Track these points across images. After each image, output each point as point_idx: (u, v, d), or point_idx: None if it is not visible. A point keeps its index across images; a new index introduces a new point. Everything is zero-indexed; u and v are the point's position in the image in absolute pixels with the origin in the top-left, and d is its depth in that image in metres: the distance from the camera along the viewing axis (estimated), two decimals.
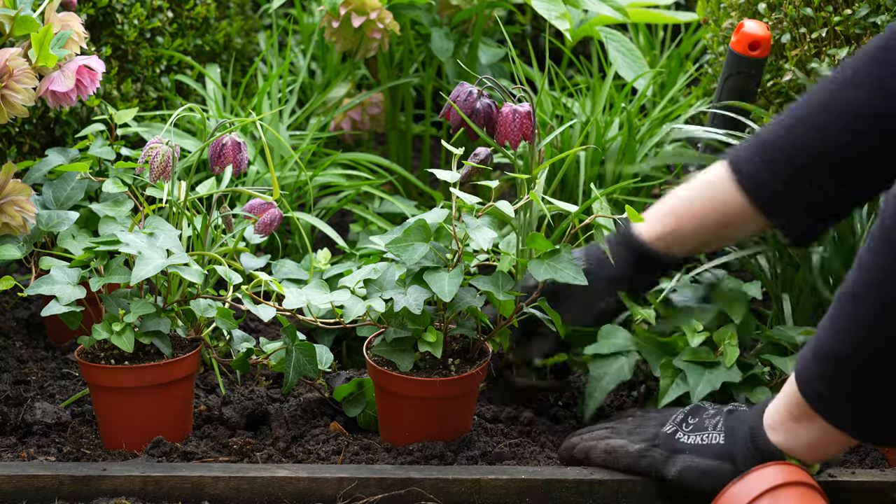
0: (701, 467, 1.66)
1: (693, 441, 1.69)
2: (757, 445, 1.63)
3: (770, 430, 1.62)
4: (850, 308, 1.49)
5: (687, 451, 1.69)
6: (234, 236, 1.97)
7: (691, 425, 1.71)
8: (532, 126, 1.93)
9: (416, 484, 1.72)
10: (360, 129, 2.87)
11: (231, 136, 1.91)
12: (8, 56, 1.85)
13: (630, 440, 1.74)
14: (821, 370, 1.53)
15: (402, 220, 2.52)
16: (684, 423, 1.72)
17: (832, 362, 1.52)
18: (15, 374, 2.06)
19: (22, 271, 2.34)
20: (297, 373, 1.88)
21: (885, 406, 1.51)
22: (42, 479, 1.71)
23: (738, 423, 1.67)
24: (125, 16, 2.46)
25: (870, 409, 1.52)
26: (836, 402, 1.54)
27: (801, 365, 1.57)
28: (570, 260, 1.79)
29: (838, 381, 1.52)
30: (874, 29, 2.10)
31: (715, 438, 1.68)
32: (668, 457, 1.70)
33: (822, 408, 1.55)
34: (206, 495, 1.72)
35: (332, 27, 2.63)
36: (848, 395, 1.52)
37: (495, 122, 1.95)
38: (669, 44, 2.95)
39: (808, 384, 1.55)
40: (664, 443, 1.71)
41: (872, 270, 1.46)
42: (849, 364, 1.50)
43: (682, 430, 1.71)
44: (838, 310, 1.51)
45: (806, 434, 1.59)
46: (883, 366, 1.47)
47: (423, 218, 1.83)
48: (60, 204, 2.06)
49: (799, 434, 1.60)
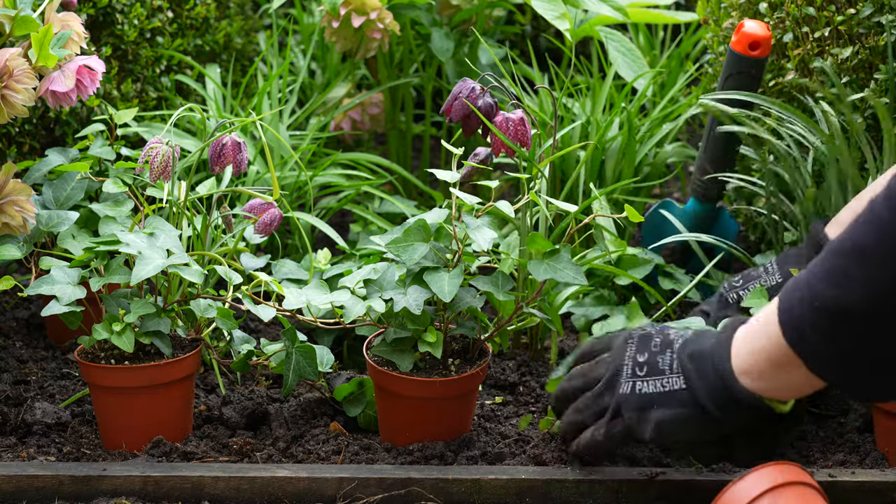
0: (671, 418, 1.62)
1: (654, 389, 1.64)
2: (733, 395, 1.58)
3: (745, 376, 1.57)
4: (859, 263, 1.44)
5: (654, 404, 1.64)
6: (234, 236, 1.97)
7: (644, 367, 1.66)
8: (528, 131, 1.93)
9: (416, 484, 1.72)
10: (360, 129, 2.87)
11: (231, 136, 1.91)
12: (8, 56, 1.85)
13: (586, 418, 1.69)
14: (816, 321, 1.48)
15: (402, 220, 2.52)
16: (638, 369, 1.66)
17: (832, 315, 1.46)
18: (15, 374, 2.06)
19: (22, 271, 2.34)
20: (297, 375, 1.88)
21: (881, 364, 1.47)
22: (42, 479, 1.72)
23: (700, 364, 1.62)
24: (125, 16, 2.46)
25: (864, 366, 1.48)
26: (829, 354, 1.49)
27: (789, 313, 1.51)
28: (570, 260, 1.79)
29: (836, 335, 1.47)
30: (878, 28, 2.10)
31: (676, 383, 1.62)
32: (639, 418, 1.64)
33: (814, 360, 1.50)
34: (206, 495, 1.72)
35: (332, 27, 2.63)
36: (844, 350, 1.47)
37: (493, 123, 1.95)
38: (669, 44, 2.95)
39: (800, 333, 1.50)
40: (625, 404, 1.66)
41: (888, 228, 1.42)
42: (853, 319, 1.45)
43: (638, 378, 1.66)
44: (842, 261, 1.46)
45: (787, 378, 1.54)
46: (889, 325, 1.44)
47: (423, 218, 1.83)
48: (60, 204, 2.06)
49: (780, 378, 1.55)
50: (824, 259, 1.48)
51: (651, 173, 2.50)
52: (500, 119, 1.92)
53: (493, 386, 2.09)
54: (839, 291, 1.45)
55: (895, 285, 1.42)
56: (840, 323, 1.46)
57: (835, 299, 1.45)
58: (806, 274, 1.50)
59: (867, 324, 1.44)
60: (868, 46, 2.11)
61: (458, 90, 1.95)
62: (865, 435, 1.90)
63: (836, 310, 1.45)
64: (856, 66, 2.12)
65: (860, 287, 1.44)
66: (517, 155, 1.92)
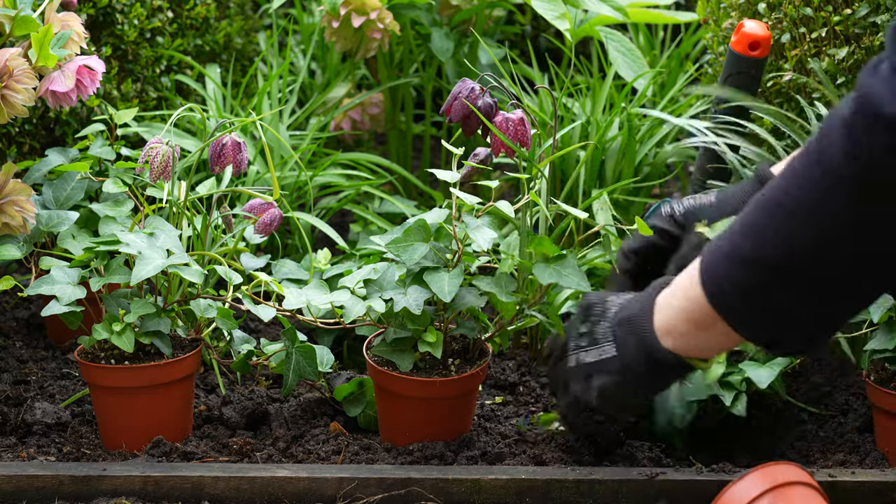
0: (609, 385, 1.64)
1: (594, 359, 1.66)
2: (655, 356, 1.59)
3: (668, 336, 1.58)
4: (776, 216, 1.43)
5: (594, 372, 1.65)
6: (234, 236, 1.97)
7: (585, 338, 1.68)
8: (527, 132, 1.93)
9: (416, 484, 1.72)
10: (360, 129, 2.87)
11: (231, 136, 1.91)
12: (8, 56, 1.85)
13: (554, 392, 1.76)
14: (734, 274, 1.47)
15: (402, 220, 2.52)
16: (581, 340, 1.68)
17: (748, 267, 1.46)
18: (15, 374, 2.06)
19: (22, 271, 2.34)
20: (297, 375, 1.88)
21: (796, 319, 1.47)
22: (42, 479, 1.72)
23: (627, 329, 1.63)
24: (125, 16, 2.46)
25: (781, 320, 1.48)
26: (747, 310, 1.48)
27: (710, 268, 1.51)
28: (576, 266, 1.79)
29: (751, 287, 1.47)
30: (874, 28, 2.10)
31: (608, 351, 1.64)
32: (584, 387, 1.67)
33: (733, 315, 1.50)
34: (206, 495, 1.72)
35: (332, 27, 2.63)
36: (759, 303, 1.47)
37: (493, 123, 1.95)
38: (669, 44, 2.95)
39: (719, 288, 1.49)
40: (574, 377, 1.69)
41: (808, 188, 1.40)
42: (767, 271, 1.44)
43: (581, 350, 1.68)
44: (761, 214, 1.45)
45: (706, 337, 1.54)
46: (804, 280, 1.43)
47: (423, 218, 1.83)
48: (60, 204, 2.06)
49: (699, 338, 1.55)
50: (746, 213, 1.48)
51: (651, 173, 2.50)
52: (499, 119, 1.92)
53: (493, 386, 2.09)
54: (756, 244, 1.45)
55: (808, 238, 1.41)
56: (756, 275, 1.45)
57: (752, 252, 1.45)
58: (729, 230, 1.49)
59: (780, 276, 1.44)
60: (864, 46, 2.11)
61: (457, 90, 1.95)
62: (865, 435, 1.90)
63: (752, 262, 1.45)
64: (852, 65, 2.12)
65: (774, 238, 1.43)
66: (517, 155, 1.92)
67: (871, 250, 1.40)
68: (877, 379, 1.85)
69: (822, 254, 1.41)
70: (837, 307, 1.47)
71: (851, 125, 1.34)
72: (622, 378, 1.63)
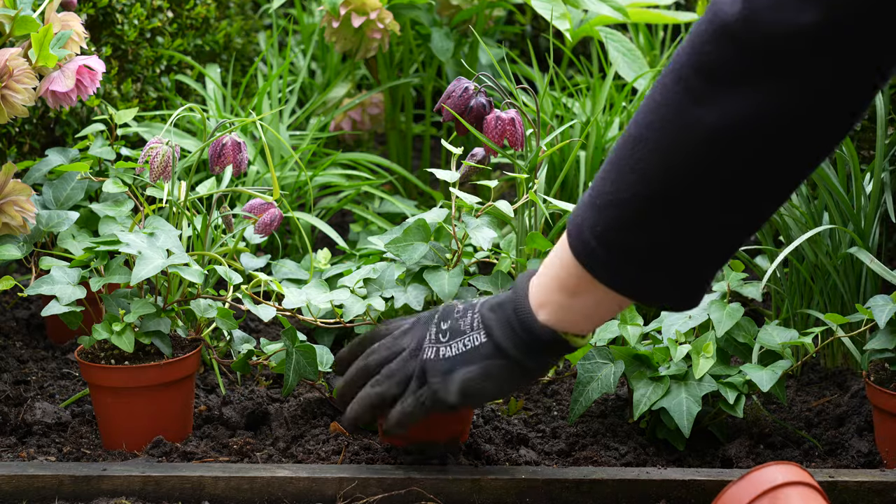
0: (477, 374, 1.56)
1: (457, 351, 1.57)
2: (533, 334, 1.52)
3: (543, 310, 1.51)
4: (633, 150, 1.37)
5: (458, 364, 1.56)
6: (234, 236, 1.97)
7: (448, 333, 1.59)
8: (517, 132, 1.92)
9: (417, 484, 1.72)
10: (360, 129, 2.87)
11: (231, 136, 1.91)
12: (8, 56, 1.85)
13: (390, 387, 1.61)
14: (596, 219, 1.40)
15: (402, 220, 2.52)
16: (441, 335, 1.59)
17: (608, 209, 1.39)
18: (15, 374, 2.06)
19: (22, 271, 2.35)
20: (297, 375, 1.88)
21: (665, 260, 1.40)
22: (42, 479, 1.72)
23: (499, 313, 1.55)
24: (125, 16, 2.46)
25: (648, 265, 1.41)
26: (615, 260, 1.41)
27: (574, 221, 1.44)
28: None
29: (611, 229, 1.40)
30: None
31: (477, 338, 1.55)
32: (444, 380, 1.58)
33: (602, 272, 1.42)
34: (206, 495, 1.72)
35: (332, 27, 2.63)
36: (627, 250, 1.40)
37: (484, 122, 1.94)
38: (669, 44, 2.95)
39: (582, 240, 1.42)
40: (430, 370, 1.59)
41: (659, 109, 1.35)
42: (626, 208, 1.38)
43: (441, 344, 1.59)
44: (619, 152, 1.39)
45: (581, 305, 1.48)
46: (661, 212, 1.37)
47: (423, 218, 1.83)
48: (60, 204, 2.06)
49: (573, 307, 1.48)
50: (608, 157, 1.42)
51: None
52: (490, 118, 1.92)
53: None
54: (615, 182, 1.39)
55: (663, 169, 1.36)
56: (614, 212, 1.39)
57: (612, 193, 1.39)
58: (594, 179, 1.44)
59: (639, 212, 1.38)
60: None
61: (451, 89, 1.95)
62: (865, 435, 1.90)
63: (611, 202, 1.39)
64: None
65: (631, 174, 1.38)
66: (513, 154, 1.92)
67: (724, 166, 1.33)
68: (877, 379, 1.85)
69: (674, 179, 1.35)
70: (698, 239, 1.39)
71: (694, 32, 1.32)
72: (494, 363, 1.55)
